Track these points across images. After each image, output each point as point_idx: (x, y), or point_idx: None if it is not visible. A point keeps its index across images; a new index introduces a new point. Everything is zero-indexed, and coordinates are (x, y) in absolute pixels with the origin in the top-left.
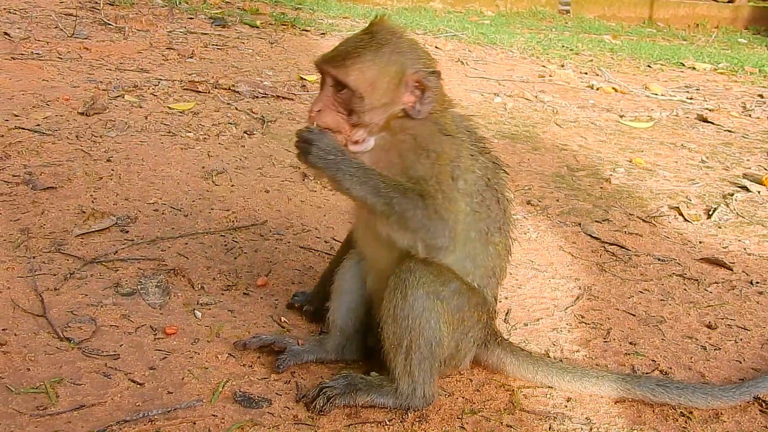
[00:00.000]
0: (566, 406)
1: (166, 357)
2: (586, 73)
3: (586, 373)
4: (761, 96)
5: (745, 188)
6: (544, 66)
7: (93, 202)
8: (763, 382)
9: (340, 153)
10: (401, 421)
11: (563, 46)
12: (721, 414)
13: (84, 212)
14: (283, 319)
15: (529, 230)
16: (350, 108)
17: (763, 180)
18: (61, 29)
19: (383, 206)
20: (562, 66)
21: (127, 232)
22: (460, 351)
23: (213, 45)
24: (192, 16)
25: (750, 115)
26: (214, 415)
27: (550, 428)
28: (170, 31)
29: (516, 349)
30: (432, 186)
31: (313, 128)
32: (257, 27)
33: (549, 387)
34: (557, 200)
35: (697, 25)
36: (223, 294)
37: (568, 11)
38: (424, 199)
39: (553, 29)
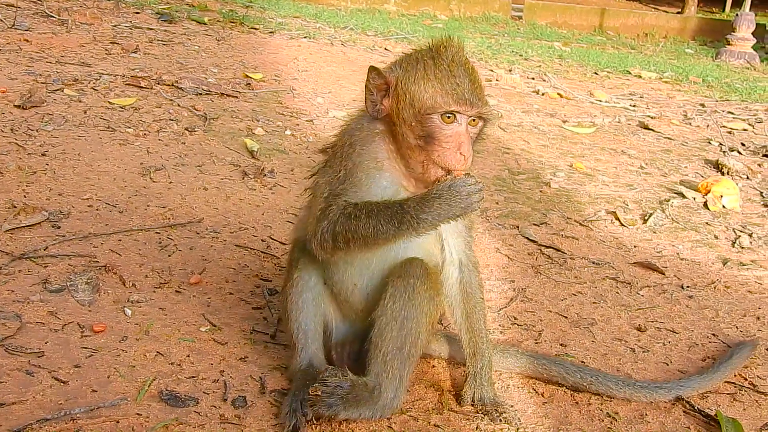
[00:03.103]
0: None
1: (92, 355)
2: (533, 79)
3: (507, 350)
4: (703, 105)
5: (682, 194)
6: (491, 70)
7: (25, 196)
8: (687, 383)
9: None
10: (328, 421)
11: (513, 52)
12: (646, 414)
13: (15, 207)
14: (214, 317)
15: None
16: (475, 139)
17: (699, 187)
18: (1, 20)
19: None
20: (510, 71)
21: (59, 227)
22: (427, 345)
23: (158, 40)
24: (138, 11)
25: (690, 124)
26: (138, 414)
27: (477, 428)
28: (115, 26)
29: (443, 331)
30: None
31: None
32: (205, 23)
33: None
34: (497, 203)
35: (646, 34)
36: (154, 292)
37: (520, 17)
38: None
39: (505, 35)
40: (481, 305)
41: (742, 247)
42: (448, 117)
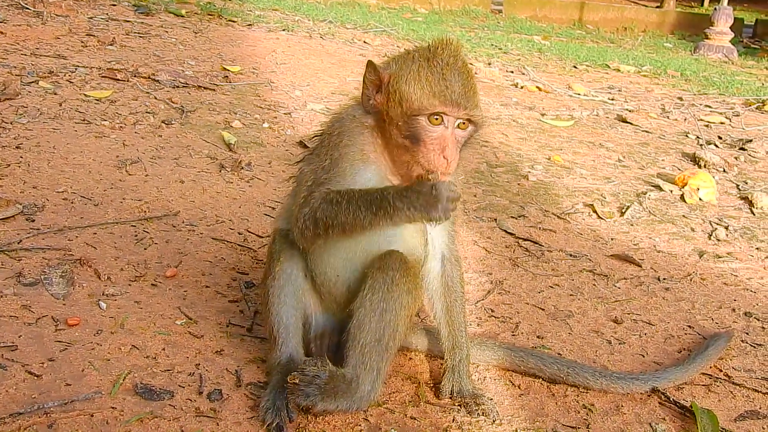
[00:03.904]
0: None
1: (66, 348)
2: (512, 72)
3: (484, 342)
4: (680, 98)
5: (659, 187)
6: (471, 63)
7: None
8: (663, 375)
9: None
10: (304, 412)
11: (492, 45)
12: (622, 406)
13: None
14: (190, 311)
15: None
16: (463, 142)
17: (676, 180)
18: None
19: None
20: (489, 64)
21: (33, 220)
22: (405, 338)
23: (135, 33)
24: (115, 3)
25: (668, 117)
26: (113, 408)
27: (454, 420)
28: (91, 18)
29: (420, 324)
30: None
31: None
32: (182, 16)
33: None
34: (475, 196)
35: (625, 28)
36: (130, 285)
37: (500, 11)
38: None
39: (485, 28)
40: (461, 299)
41: (719, 240)
42: (435, 119)
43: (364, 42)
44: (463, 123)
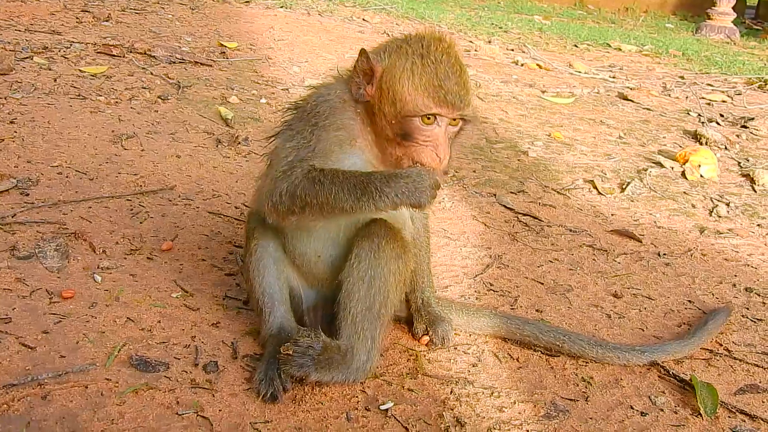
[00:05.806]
0: (470, 371)
1: (60, 321)
2: (512, 50)
3: (480, 311)
4: (682, 77)
5: (660, 164)
6: (471, 41)
7: None
8: (661, 348)
9: None
10: (300, 384)
11: (493, 24)
12: (621, 379)
13: None
14: (186, 284)
15: (444, 200)
16: (455, 135)
17: (678, 156)
18: None
19: None
20: (489, 42)
21: (28, 194)
22: (400, 304)
23: (131, 9)
24: None
25: (669, 95)
26: (108, 379)
27: (452, 392)
28: None
29: None
30: None
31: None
32: None
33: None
34: (474, 171)
35: (627, 9)
36: (125, 258)
37: None
38: None
39: (485, 8)
40: (426, 249)
41: (720, 216)
42: (428, 118)
43: (363, 19)
44: (454, 120)
